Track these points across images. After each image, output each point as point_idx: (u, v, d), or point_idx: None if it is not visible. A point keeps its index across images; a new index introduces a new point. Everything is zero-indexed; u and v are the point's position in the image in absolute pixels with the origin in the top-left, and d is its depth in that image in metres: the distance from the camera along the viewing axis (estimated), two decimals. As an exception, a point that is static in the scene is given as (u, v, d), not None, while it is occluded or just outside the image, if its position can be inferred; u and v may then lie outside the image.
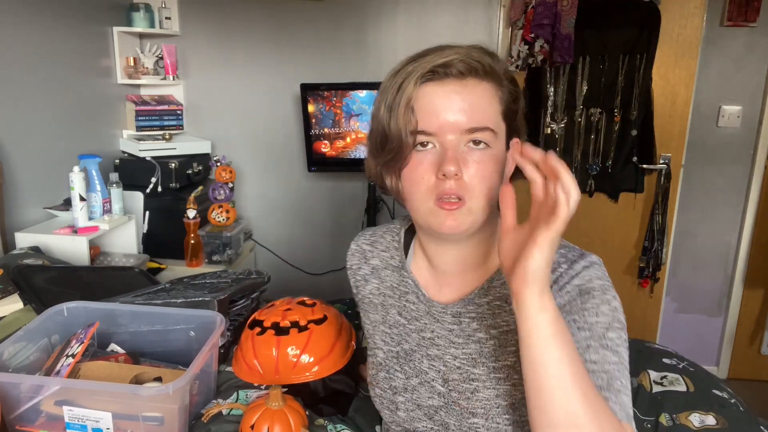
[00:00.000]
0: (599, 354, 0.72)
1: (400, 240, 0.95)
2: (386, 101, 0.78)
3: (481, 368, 0.82)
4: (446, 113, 0.74)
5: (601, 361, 0.72)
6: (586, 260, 0.80)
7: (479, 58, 0.75)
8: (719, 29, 2.45)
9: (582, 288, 0.77)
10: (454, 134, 0.75)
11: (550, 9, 2.36)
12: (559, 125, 2.55)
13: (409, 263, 0.93)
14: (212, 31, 2.63)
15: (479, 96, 0.76)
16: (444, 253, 0.86)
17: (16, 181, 1.86)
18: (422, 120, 0.75)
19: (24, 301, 1.37)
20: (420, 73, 0.75)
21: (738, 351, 2.75)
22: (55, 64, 2.06)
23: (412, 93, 0.75)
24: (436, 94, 0.75)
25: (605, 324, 0.74)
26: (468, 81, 0.75)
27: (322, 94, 2.42)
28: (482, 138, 0.75)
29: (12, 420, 0.97)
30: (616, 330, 0.75)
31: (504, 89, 0.78)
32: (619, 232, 2.66)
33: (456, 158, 0.74)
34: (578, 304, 0.76)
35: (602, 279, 0.78)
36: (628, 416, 0.70)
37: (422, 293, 0.89)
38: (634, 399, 1.28)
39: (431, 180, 0.76)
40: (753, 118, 2.52)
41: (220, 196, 2.37)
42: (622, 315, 0.77)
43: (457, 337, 0.85)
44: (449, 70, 0.74)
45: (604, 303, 0.76)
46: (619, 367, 0.72)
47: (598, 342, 0.73)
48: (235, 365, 1.04)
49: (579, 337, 0.74)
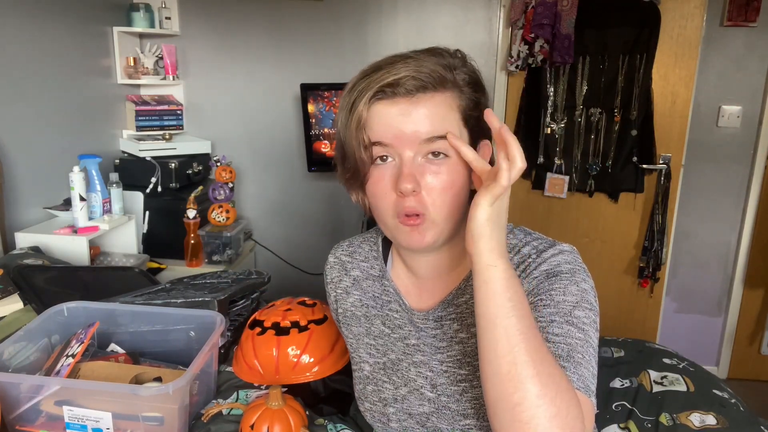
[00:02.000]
0: (563, 329, 0.72)
1: (379, 249, 0.95)
2: (342, 119, 0.78)
3: (466, 368, 0.82)
4: (400, 129, 0.74)
5: (564, 334, 0.71)
6: (555, 248, 0.79)
7: (430, 71, 0.73)
8: (719, 29, 2.45)
9: (549, 272, 0.77)
10: (411, 148, 0.74)
11: (550, 9, 2.36)
12: (559, 125, 2.55)
13: (389, 271, 0.92)
14: (212, 31, 2.63)
15: (432, 108, 0.74)
16: (419, 260, 0.86)
17: (16, 181, 1.86)
18: (378, 132, 0.75)
19: (24, 301, 1.37)
20: (369, 95, 0.74)
21: (738, 351, 2.75)
22: (55, 64, 2.06)
23: (363, 113, 0.75)
24: (387, 113, 0.74)
25: (572, 302, 0.74)
26: (418, 97, 0.73)
27: (322, 94, 2.42)
28: (439, 148, 0.74)
29: (12, 420, 0.97)
30: (585, 310, 0.74)
31: (463, 95, 0.77)
32: (619, 232, 2.66)
33: (412, 174, 0.74)
34: (545, 286, 0.76)
35: (572, 264, 0.78)
36: (587, 389, 0.69)
37: (403, 302, 0.89)
38: (635, 399, 1.28)
39: (392, 196, 0.76)
40: (753, 118, 2.52)
41: (220, 196, 2.37)
42: (593, 298, 0.76)
43: (440, 342, 0.85)
44: (397, 89, 0.73)
45: (572, 284, 0.75)
46: (583, 343, 0.71)
47: (563, 318, 0.72)
48: (236, 365, 1.04)
49: (543, 312, 0.73)
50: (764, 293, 2.67)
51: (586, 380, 0.70)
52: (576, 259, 0.79)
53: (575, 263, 0.78)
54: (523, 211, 2.72)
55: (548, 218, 2.70)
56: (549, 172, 2.60)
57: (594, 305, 0.76)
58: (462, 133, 0.77)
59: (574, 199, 2.64)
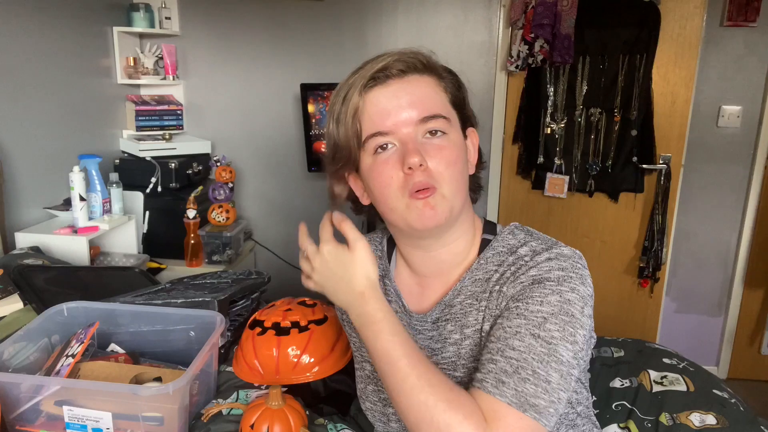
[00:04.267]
0: (524, 342, 0.71)
1: (384, 248, 0.95)
2: (334, 115, 0.80)
3: (461, 370, 0.82)
4: (397, 110, 0.76)
5: (521, 349, 0.71)
6: (552, 252, 0.77)
7: (414, 55, 0.79)
8: (719, 29, 2.45)
9: (536, 278, 0.75)
10: (409, 127, 0.76)
11: (550, 9, 2.36)
12: (559, 125, 2.55)
13: (392, 272, 0.92)
14: (212, 31, 2.63)
15: (423, 87, 0.78)
16: (426, 255, 0.86)
17: (16, 181, 1.86)
18: (375, 122, 0.77)
19: (24, 301, 1.37)
20: (362, 82, 0.77)
21: (738, 351, 2.75)
22: (55, 64, 2.06)
23: (358, 101, 0.78)
24: (383, 96, 0.77)
25: (547, 313, 0.72)
26: (409, 77, 0.78)
27: (322, 94, 2.41)
28: (437, 126, 0.77)
29: (12, 420, 0.97)
30: (560, 322, 0.71)
31: (445, 80, 0.81)
32: (619, 232, 2.66)
33: (417, 149, 0.75)
34: (526, 293, 0.75)
35: (565, 270, 0.75)
36: (522, 405, 0.68)
37: (403, 303, 0.89)
38: (635, 398, 1.28)
39: (399, 176, 0.77)
40: (753, 118, 2.52)
41: (220, 196, 2.37)
42: (576, 310, 0.73)
43: (436, 343, 0.85)
44: (389, 71, 0.77)
45: (554, 293, 0.73)
46: (543, 358, 0.70)
47: (529, 330, 0.71)
48: (236, 365, 1.04)
49: (513, 323, 0.73)
50: (764, 293, 2.66)
51: (526, 395, 0.68)
52: (574, 265, 0.76)
53: (570, 270, 0.75)
54: (523, 211, 2.72)
55: (548, 218, 2.70)
56: (549, 172, 2.60)
57: (577, 316, 0.73)
58: (451, 114, 0.80)
59: (574, 199, 2.64)
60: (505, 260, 0.81)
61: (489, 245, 0.84)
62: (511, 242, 0.83)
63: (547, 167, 2.60)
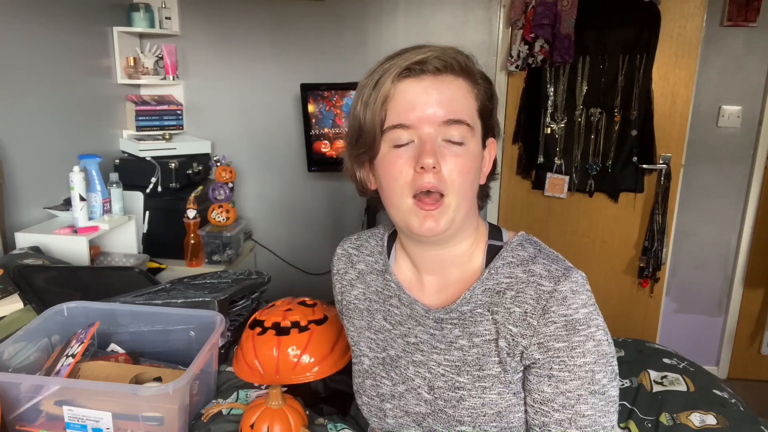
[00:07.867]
0: (588, 404, 0.76)
1: (384, 244, 0.95)
2: (363, 98, 0.79)
3: (465, 376, 0.82)
4: (423, 106, 0.75)
5: (590, 413, 0.76)
6: (570, 280, 0.77)
7: (454, 55, 0.77)
8: (719, 29, 2.45)
9: (568, 320, 0.76)
10: (431, 127, 0.75)
11: (550, 9, 2.36)
12: (559, 125, 2.55)
13: (392, 266, 0.92)
14: (212, 31, 2.63)
15: (455, 90, 0.77)
16: (425, 253, 0.86)
17: (16, 181, 1.86)
18: (400, 114, 0.76)
19: (24, 301, 1.37)
20: (397, 71, 0.76)
21: (738, 351, 2.75)
22: (55, 64, 2.06)
23: (389, 89, 0.76)
24: (413, 89, 0.76)
25: (591, 363, 0.75)
26: (444, 77, 0.77)
27: (322, 94, 2.42)
28: (458, 133, 0.76)
29: (12, 420, 0.97)
30: (602, 367, 0.76)
31: (479, 87, 0.80)
32: (619, 232, 2.66)
33: (434, 150, 0.75)
34: (563, 337, 0.76)
35: (587, 306, 0.77)
36: None
37: (405, 294, 0.88)
38: (635, 398, 1.28)
39: (409, 174, 0.76)
40: (753, 118, 2.52)
41: (220, 196, 2.37)
42: (605, 345, 0.77)
43: (439, 343, 0.85)
44: (425, 66, 0.76)
45: (589, 339, 0.76)
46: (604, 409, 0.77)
47: (588, 390, 0.76)
48: (236, 365, 1.04)
49: (571, 386, 0.76)
50: (764, 293, 2.67)
51: None
52: (587, 292, 0.78)
53: (588, 301, 0.77)
54: (523, 211, 2.72)
55: (548, 218, 2.70)
56: (549, 172, 2.60)
57: (608, 351, 0.77)
58: (476, 123, 0.79)
59: (574, 199, 2.64)
60: (516, 273, 0.80)
61: (498, 255, 0.84)
62: (522, 255, 0.82)
63: (547, 167, 2.60)
